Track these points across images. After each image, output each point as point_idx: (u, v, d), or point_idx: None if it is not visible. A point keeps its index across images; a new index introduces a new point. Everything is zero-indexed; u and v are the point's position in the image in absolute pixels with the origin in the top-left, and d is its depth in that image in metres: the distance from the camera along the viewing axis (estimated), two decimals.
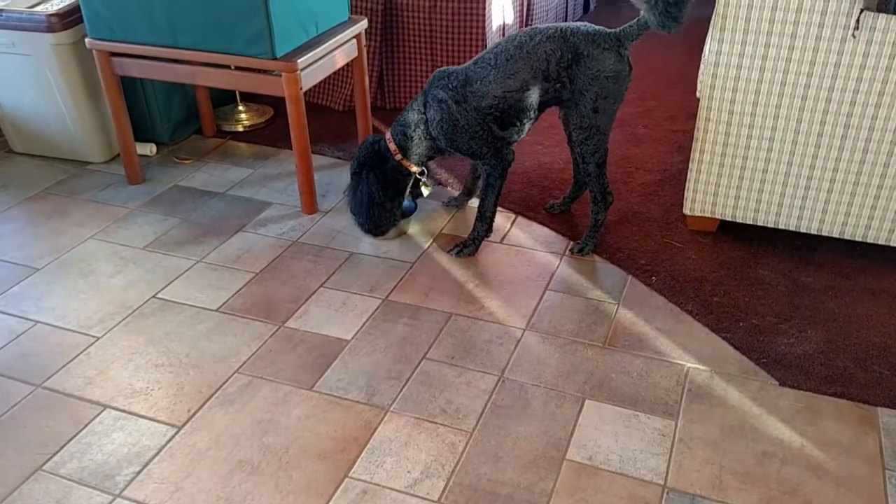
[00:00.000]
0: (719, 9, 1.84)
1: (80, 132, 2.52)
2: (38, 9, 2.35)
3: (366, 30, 2.40)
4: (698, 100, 2.01)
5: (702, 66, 2.02)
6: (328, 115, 2.93)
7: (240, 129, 2.85)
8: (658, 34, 1.82)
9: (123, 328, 1.84)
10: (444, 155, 2.08)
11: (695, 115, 2.85)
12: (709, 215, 2.11)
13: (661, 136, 2.72)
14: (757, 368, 1.68)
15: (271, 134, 2.81)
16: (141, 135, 2.69)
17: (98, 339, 1.81)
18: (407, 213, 2.24)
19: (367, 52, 2.85)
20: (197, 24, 2.07)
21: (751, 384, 1.64)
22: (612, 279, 1.98)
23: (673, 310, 1.86)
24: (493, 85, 1.91)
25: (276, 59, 2.07)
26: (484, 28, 2.76)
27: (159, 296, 1.95)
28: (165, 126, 2.69)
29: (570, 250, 2.10)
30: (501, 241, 2.15)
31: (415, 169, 2.07)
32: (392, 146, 2.03)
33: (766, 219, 2.05)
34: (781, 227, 2.04)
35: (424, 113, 1.99)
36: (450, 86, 1.94)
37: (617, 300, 1.90)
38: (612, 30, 1.89)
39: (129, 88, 2.58)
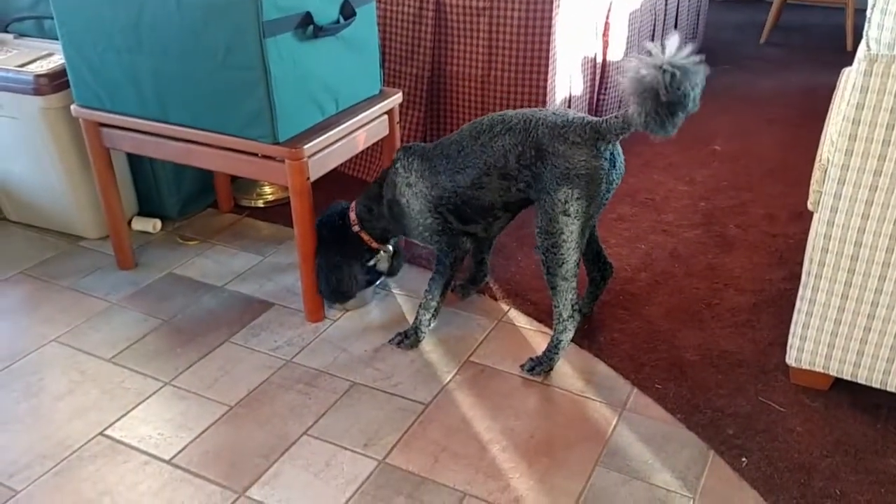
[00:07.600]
0: (851, 112, 1.36)
1: (73, 205, 2.22)
2: (29, 67, 2.06)
3: (407, 100, 2.01)
4: (811, 211, 1.53)
5: (817, 170, 1.54)
6: (360, 189, 2.54)
7: (260, 204, 2.49)
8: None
9: (52, 479, 1.46)
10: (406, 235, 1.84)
11: (799, 216, 2.33)
12: (820, 370, 1.60)
13: (758, 241, 2.21)
14: None
15: None
16: (147, 208, 2.37)
17: (16, 494, 1.44)
18: (370, 282, 1.95)
19: (409, 124, 2.46)
20: (188, 98, 1.73)
21: None
22: (688, 455, 1.49)
23: None
24: (443, 177, 1.68)
25: (277, 143, 1.70)
26: (545, 101, 2.34)
27: (108, 432, 1.57)
28: (174, 200, 2.36)
29: (520, 366, 1.73)
30: (543, 381, 1.70)
31: (375, 246, 1.87)
32: (353, 216, 1.86)
33: None
34: None
35: (381, 190, 1.79)
36: (407, 167, 1.74)
37: (693, 492, 1.40)
38: (593, 119, 1.53)
39: (135, 156, 2.27)
